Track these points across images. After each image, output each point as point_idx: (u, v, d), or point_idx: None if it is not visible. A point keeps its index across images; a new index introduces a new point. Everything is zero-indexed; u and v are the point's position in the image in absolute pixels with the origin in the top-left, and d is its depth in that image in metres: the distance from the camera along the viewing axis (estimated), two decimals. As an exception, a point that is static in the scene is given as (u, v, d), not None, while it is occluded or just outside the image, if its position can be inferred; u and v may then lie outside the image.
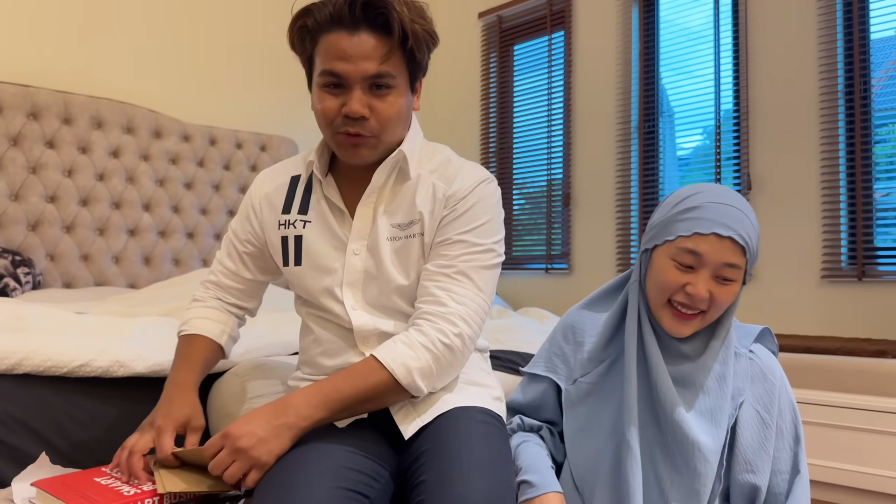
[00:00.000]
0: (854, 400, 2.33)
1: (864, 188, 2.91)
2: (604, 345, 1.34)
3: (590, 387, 1.32)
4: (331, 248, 1.28)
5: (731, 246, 1.18)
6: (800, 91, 3.08)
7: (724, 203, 1.21)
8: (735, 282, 1.21)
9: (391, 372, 1.15)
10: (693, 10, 3.52)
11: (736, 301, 1.26)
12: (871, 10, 2.91)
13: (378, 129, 1.20)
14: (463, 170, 1.29)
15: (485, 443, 1.13)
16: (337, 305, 1.27)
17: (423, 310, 1.21)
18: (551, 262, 4.02)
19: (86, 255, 3.20)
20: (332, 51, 1.16)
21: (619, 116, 3.74)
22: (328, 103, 1.20)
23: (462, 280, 1.22)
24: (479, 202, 1.26)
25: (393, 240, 1.26)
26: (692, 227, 1.20)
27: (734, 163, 3.30)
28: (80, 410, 1.42)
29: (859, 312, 2.89)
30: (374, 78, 1.17)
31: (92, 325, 1.61)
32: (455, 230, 1.24)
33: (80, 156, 3.20)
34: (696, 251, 1.19)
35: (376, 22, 1.16)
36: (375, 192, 1.27)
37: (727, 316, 1.26)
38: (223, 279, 1.41)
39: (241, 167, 3.75)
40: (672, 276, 1.21)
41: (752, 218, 1.24)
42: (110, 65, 3.39)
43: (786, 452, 1.22)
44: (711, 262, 1.19)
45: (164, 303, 2.43)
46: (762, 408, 1.23)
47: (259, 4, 3.93)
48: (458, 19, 4.62)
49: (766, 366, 1.26)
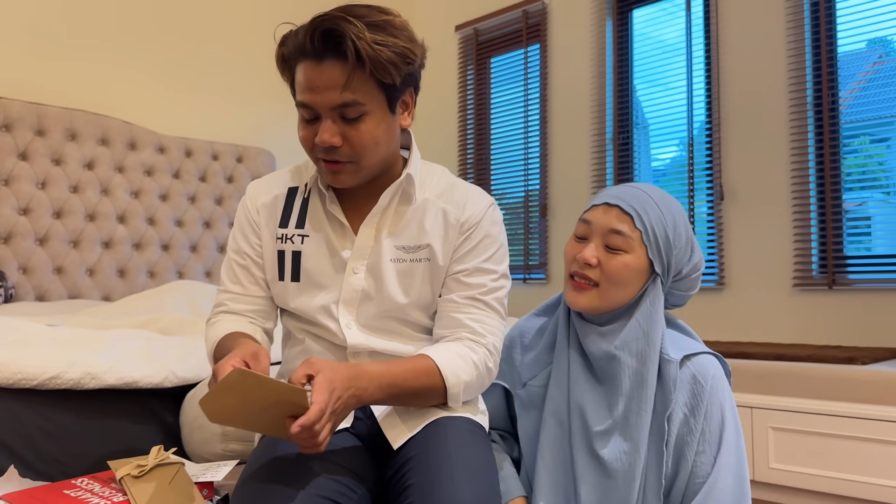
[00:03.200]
0: (825, 406, 2.36)
1: (834, 198, 2.96)
2: (548, 346, 1.37)
3: (540, 390, 1.34)
4: (329, 266, 1.27)
5: (619, 214, 1.25)
6: (770, 103, 3.14)
7: (626, 185, 1.29)
8: (625, 252, 1.23)
9: (445, 380, 1.18)
10: (666, 23, 3.58)
11: (649, 293, 1.25)
12: (839, 25, 2.98)
13: (354, 156, 1.19)
14: (471, 194, 1.31)
15: (472, 450, 1.14)
16: (332, 322, 1.26)
17: (462, 335, 1.25)
18: (529, 272, 4.04)
19: (59, 267, 3.17)
20: (302, 82, 1.16)
21: (595, 128, 3.78)
22: (304, 133, 1.20)
23: (488, 311, 1.27)
24: (491, 228, 1.30)
25: (397, 261, 1.27)
26: (590, 203, 1.30)
27: (707, 174, 3.34)
28: (51, 423, 1.40)
29: (830, 320, 2.93)
30: (340, 107, 1.15)
31: (63, 337, 1.59)
32: (474, 259, 1.27)
33: (54, 168, 3.17)
34: (588, 220, 1.27)
35: (338, 50, 1.12)
36: (380, 212, 1.27)
37: (642, 308, 1.26)
38: (233, 305, 1.31)
39: (218, 179, 3.74)
40: (569, 249, 1.30)
41: (662, 204, 1.26)
42: (84, 76, 3.37)
43: (706, 457, 1.19)
44: (599, 229, 1.26)
45: (138, 315, 2.41)
46: (689, 410, 1.21)
47: (235, 16, 3.93)
48: (435, 32, 4.65)
49: (699, 369, 1.23)
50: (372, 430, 1.24)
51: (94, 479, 1.21)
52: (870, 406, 2.29)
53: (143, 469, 1.16)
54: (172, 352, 1.62)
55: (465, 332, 1.25)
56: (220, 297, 1.33)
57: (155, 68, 3.61)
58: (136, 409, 1.52)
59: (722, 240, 3.26)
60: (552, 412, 1.30)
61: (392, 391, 1.13)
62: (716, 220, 3.28)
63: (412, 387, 1.15)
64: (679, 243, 1.26)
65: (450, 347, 1.22)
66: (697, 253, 1.31)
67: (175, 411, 1.56)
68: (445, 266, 1.28)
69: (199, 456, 1.49)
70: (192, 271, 3.60)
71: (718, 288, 3.27)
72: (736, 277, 3.21)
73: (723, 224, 3.26)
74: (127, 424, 1.49)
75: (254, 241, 1.32)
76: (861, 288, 2.86)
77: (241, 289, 1.32)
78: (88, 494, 1.11)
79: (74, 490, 1.13)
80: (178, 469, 1.19)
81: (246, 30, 3.97)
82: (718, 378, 1.23)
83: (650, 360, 1.23)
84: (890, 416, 2.23)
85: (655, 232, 1.23)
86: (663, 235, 1.24)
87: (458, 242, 1.28)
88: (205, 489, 1.24)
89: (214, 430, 1.45)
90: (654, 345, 1.24)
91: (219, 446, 1.45)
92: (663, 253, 1.25)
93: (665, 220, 1.24)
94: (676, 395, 1.22)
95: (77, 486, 1.15)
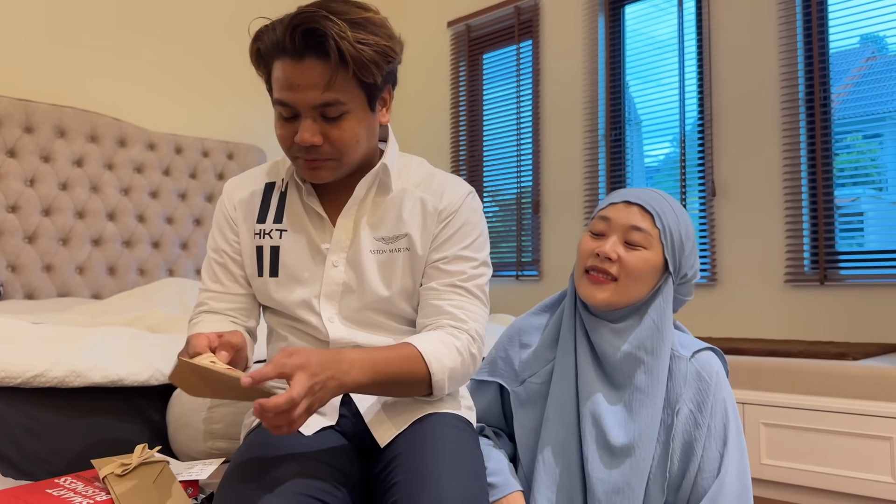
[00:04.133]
0: (816, 402, 2.36)
1: (826, 194, 2.96)
2: (549, 343, 1.36)
3: (539, 387, 1.34)
4: (308, 259, 1.26)
5: (640, 211, 1.28)
6: (762, 100, 3.14)
7: (644, 189, 1.31)
8: (644, 249, 1.26)
9: (429, 365, 1.16)
10: (658, 20, 3.57)
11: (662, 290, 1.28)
12: (830, 22, 2.98)
13: (335, 153, 1.18)
14: (448, 183, 1.31)
15: (459, 446, 1.14)
16: (313, 317, 1.25)
17: (443, 323, 1.23)
18: (522, 268, 4.03)
19: (48, 265, 3.14)
20: (281, 80, 1.15)
21: (587, 125, 3.77)
22: (282, 131, 1.19)
23: (469, 297, 1.26)
24: (470, 216, 1.29)
25: (377, 253, 1.26)
26: (607, 201, 1.33)
27: (699, 170, 3.34)
28: (34, 422, 1.38)
29: (822, 315, 2.93)
30: (321, 107, 1.14)
31: (48, 334, 1.57)
32: (453, 247, 1.26)
33: (43, 165, 3.15)
34: (607, 216, 1.29)
35: (319, 49, 1.11)
36: (356, 204, 1.26)
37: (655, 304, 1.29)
38: (214, 304, 1.30)
39: (208, 175, 3.72)
40: (586, 245, 1.31)
41: (676, 208, 1.31)
42: (74, 73, 3.35)
43: (712, 452, 1.22)
44: (619, 225, 1.28)
45: (127, 313, 2.39)
46: (695, 406, 1.25)
47: (224, 12, 3.91)
48: (427, 28, 4.63)
49: (703, 366, 1.28)
50: (358, 427, 1.23)
51: (78, 479, 1.19)
52: (861, 401, 2.29)
53: (126, 468, 1.14)
54: (159, 349, 1.61)
55: (447, 318, 1.23)
56: (201, 296, 1.32)
57: (144, 65, 3.59)
58: (122, 407, 1.50)
59: (714, 236, 3.26)
60: (556, 410, 1.29)
61: (375, 377, 1.10)
62: (708, 216, 3.28)
63: (395, 372, 1.12)
64: (688, 247, 1.31)
65: (431, 335, 1.20)
66: (698, 260, 1.36)
67: (161, 409, 1.54)
68: (425, 255, 1.27)
69: (185, 454, 1.47)
70: (183, 268, 3.58)
71: (711, 284, 3.26)
72: (728, 273, 3.21)
73: (715, 220, 3.26)
74: (112, 422, 1.48)
75: (231, 238, 1.31)
76: (853, 284, 2.86)
77: (222, 287, 1.31)
78: (71, 494, 1.10)
79: (57, 489, 1.12)
80: (163, 467, 1.18)
81: (235, 26, 3.95)
82: (721, 375, 1.27)
83: (663, 355, 1.26)
84: (881, 412, 2.23)
85: (671, 232, 1.28)
86: (678, 237, 1.28)
87: (436, 231, 1.27)
88: (189, 487, 1.23)
89: (200, 427, 1.44)
90: (666, 341, 1.27)
91: (204, 444, 1.44)
92: (677, 253, 1.29)
93: (680, 223, 1.29)
94: (682, 392, 1.25)
95: (60, 486, 1.14)
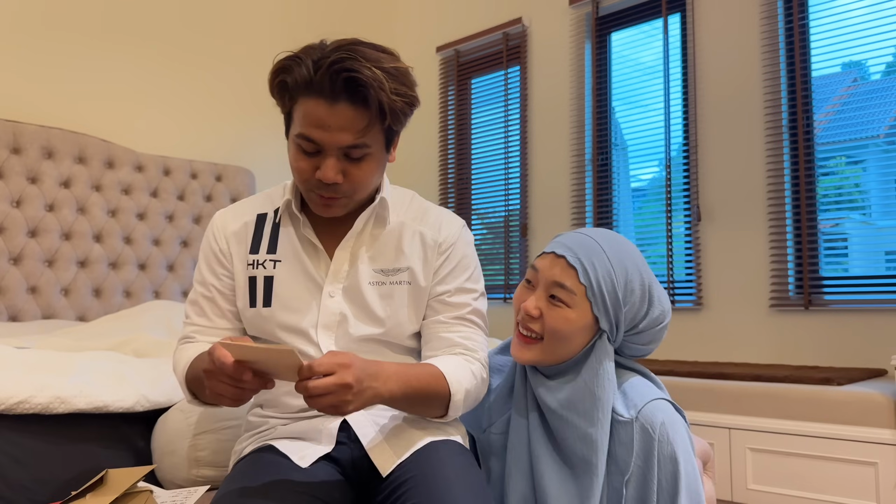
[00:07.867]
0: (802, 427, 2.38)
1: (809, 219, 3.00)
2: (505, 394, 1.34)
3: (498, 437, 1.32)
4: (304, 290, 1.27)
5: (564, 266, 1.19)
6: (746, 125, 3.18)
7: (582, 233, 1.24)
8: (567, 307, 1.18)
9: (449, 385, 1.20)
10: (644, 46, 3.62)
11: (595, 349, 1.19)
12: (812, 50, 3.04)
13: (351, 191, 1.22)
14: (443, 216, 1.36)
15: (469, 471, 1.14)
16: (310, 347, 1.25)
17: (456, 352, 1.28)
18: (510, 291, 4.04)
19: (33, 287, 3.12)
20: (310, 117, 1.15)
21: (574, 149, 3.80)
22: (303, 164, 1.20)
23: (475, 328, 1.32)
24: (466, 249, 1.34)
25: (376, 284, 1.28)
26: (545, 248, 1.25)
27: (685, 194, 3.37)
28: (18, 449, 1.37)
29: (806, 340, 2.95)
30: (349, 148, 1.17)
31: (32, 360, 1.56)
32: (454, 280, 1.31)
33: (30, 186, 3.14)
34: (536, 267, 1.24)
35: (356, 95, 1.13)
36: (354, 236, 1.29)
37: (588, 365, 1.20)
38: (199, 338, 1.30)
39: (196, 197, 3.71)
40: (517, 295, 1.27)
41: (615, 257, 1.20)
42: (62, 94, 3.35)
43: None
44: (544, 279, 1.21)
45: (112, 336, 2.37)
46: (643, 463, 1.16)
47: (214, 34, 3.93)
48: (416, 53, 4.67)
49: (647, 420, 1.16)
50: (356, 454, 1.22)
51: (61, 507, 1.18)
52: (846, 427, 2.31)
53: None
54: (145, 375, 1.60)
55: (459, 349, 1.29)
56: (186, 329, 1.31)
57: (133, 86, 3.59)
58: (106, 434, 1.49)
59: (699, 260, 3.28)
60: (515, 464, 1.26)
61: (408, 391, 1.14)
62: (693, 240, 3.30)
63: (423, 388, 1.17)
64: (631, 299, 1.19)
65: (450, 359, 1.25)
66: (659, 306, 1.23)
67: (147, 436, 1.53)
68: (427, 287, 1.30)
69: (171, 482, 1.46)
70: (169, 291, 3.56)
71: (696, 308, 3.28)
72: (713, 298, 3.23)
73: (700, 245, 3.29)
74: (97, 449, 1.46)
75: (220, 272, 1.31)
76: (837, 308, 2.88)
77: (208, 321, 1.31)
78: (53, 523, 1.09)
79: (39, 519, 1.11)
80: (147, 497, 1.17)
81: (225, 48, 3.97)
82: (667, 424, 1.16)
83: (599, 421, 1.16)
84: (866, 437, 2.24)
85: (602, 287, 1.17)
86: (611, 291, 1.18)
87: (437, 264, 1.31)
88: (174, 516, 1.22)
89: (185, 455, 1.43)
90: (602, 405, 1.17)
91: (189, 472, 1.43)
92: (610, 309, 1.18)
93: (615, 275, 1.18)
94: (633, 455, 1.16)
95: (42, 515, 1.13)
